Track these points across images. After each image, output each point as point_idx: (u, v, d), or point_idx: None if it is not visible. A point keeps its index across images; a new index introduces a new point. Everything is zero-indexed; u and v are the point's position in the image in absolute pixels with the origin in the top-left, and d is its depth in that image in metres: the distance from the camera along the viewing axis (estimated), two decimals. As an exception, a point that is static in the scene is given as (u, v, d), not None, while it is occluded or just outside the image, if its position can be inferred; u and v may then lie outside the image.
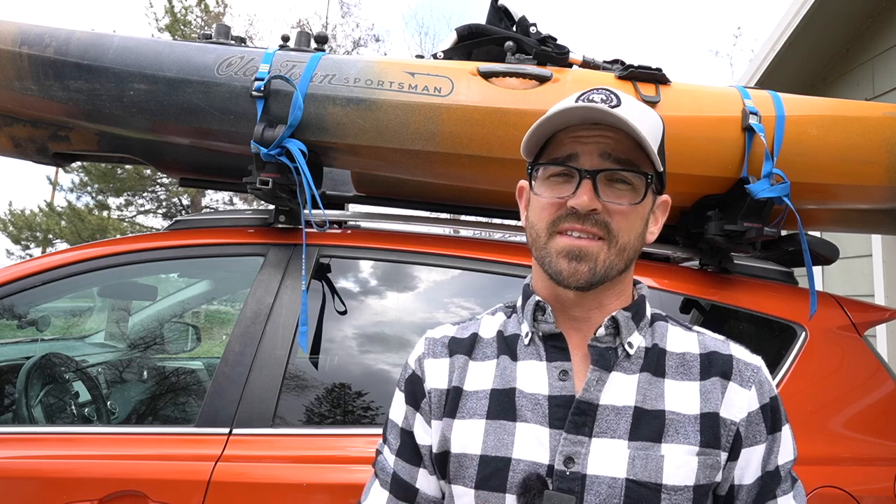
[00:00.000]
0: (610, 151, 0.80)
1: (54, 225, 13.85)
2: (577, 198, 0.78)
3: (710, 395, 0.80)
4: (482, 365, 0.87)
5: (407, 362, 0.94)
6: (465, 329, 0.92)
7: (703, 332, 0.88)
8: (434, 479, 0.88)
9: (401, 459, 0.89)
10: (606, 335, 0.82)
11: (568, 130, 0.82)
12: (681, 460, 0.76)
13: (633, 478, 0.75)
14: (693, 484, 0.76)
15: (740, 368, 0.82)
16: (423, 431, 0.88)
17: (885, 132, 1.59)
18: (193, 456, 1.44)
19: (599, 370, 0.80)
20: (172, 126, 1.62)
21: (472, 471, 0.80)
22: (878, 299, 3.45)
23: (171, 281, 2.89)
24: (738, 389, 0.81)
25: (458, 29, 1.79)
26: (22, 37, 1.64)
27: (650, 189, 0.83)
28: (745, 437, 0.80)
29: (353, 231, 1.79)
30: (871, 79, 3.61)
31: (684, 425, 0.78)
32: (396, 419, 0.91)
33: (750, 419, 0.80)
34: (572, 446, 0.77)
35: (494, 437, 0.80)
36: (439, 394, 0.87)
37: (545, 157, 0.85)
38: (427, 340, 0.93)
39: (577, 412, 0.78)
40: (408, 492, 0.88)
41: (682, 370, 0.82)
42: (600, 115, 0.79)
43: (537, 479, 0.76)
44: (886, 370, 1.56)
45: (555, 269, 0.80)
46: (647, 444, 0.77)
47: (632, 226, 0.81)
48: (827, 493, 1.36)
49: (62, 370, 2.24)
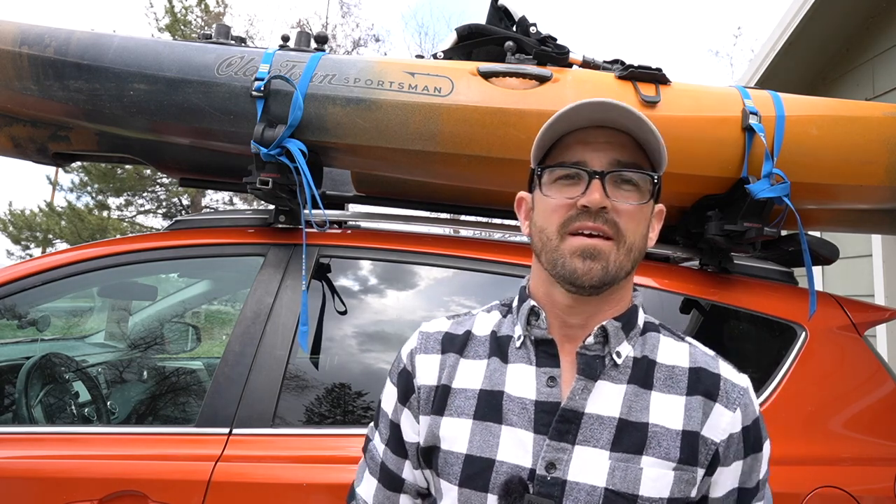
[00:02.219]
0: (616, 156, 0.81)
1: (54, 225, 13.85)
2: (588, 196, 0.79)
3: (693, 413, 0.81)
4: (473, 364, 0.88)
5: (400, 354, 0.95)
6: (460, 325, 0.93)
7: (695, 345, 0.88)
8: (419, 473, 0.90)
9: (389, 450, 0.92)
10: (595, 344, 0.82)
11: (574, 134, 0.83)
12: (658, 473, 0.77)
13: (611, 487, 0.76)
14: (668, 497, 0.77)
15: (727, 389, 0.83)
16: (410, 428, 0.90)
17: (885, 132, 1.59)
18: (193, 456, 1.44)
19: (585, 379, 0.81)
20: (172, 126, 1.62)
21: (457, 468, 0.82)
22: (878, 299, 3.45)
23: (171, 281, 2.89)
24: (723, 411, 0.81)
25: (458, 29, 1.79)
26: (22, 37, 1.64)
27: (654, 192, 0.84)
28: (724, 456, 0.81)
29: (353, 231, 1.79)
30: (871, 79, 3.61)
31: (666, 439, 0.79)
32: (387, 409, 0.94)
33: (731, 440, 0.81)
34: (555, 452, 0.78)
35: (480, 438, 0.82)
36: (428, 390, 0.88)
37: (551, 161, 0.85)
38: (420, 334, 0.94)
39: (562, 419, 0.79)
40: (395, 481, 0.91)
41: (670, 383, 0.83)
42: (611, 112, 0.80)
43: (519, 482, 0.78)
44: (886, 370, 1.56)
45: (569, 268, 0.80)
46: (628, 456, 0.78)
47: (637, 226, 0.82)
48: (827, 493, 1.36)
49: (62, 370, 2.24)
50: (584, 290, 0.80)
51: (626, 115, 0.80)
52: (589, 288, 0.80)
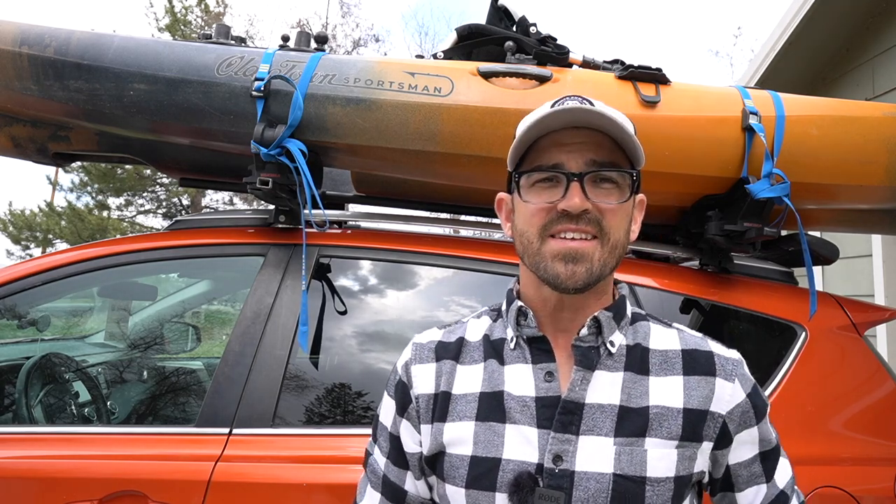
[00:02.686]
0: (593, 156, 0.81)
1: (54, 225, 13.85)
2: (567, 200, 0.79)
3: (694, 391, 0.83)
4: (470, 369, 0.89)
5: (395, 367, 0.95)
6: (452, 333, 0.94)
7: (683, 329, 0.90)
8: (421, 483, 0.91)
9: (390, 462, 0.92)
10: (589, 335, 0.84)
11: (549, 136, 0.83)
12: (661, 453, 0.79)
13: (619, 472, 0.78)
14: (674, 475, 0.79)
15: (722, 363, 0.86)
16: (410, 438, 0.90)
17: (885, 132, 1.59)
18: (193, 456, 1.44)
19: (583, 370, 0.82)
20: (172, 126, 1.62)
21: (462, 471, 0.82)
22: (878, 299, 3.45)
23: (171, 281, 2.89)
24: (723, 384, 0.84)
25: (458, 29, 1.79)
26: (22, 37, 1.64)
27: (634, 186, 0.84)
28: (736, 426, 0.84)
29: (353, 231, 1.79)
30: (871, 79, 3.61)
31: (668, 419, 0.81)
32: (386, 423, 0.94)
33: (738, 409, 0.84)
34: (560, 445, 0.79)
35: (484, 439, 0.82)
36: (427, 399, 0.89)
37: (527, 165, 0.85)
38: (414, 346, 0.95)
39: (564, 411, 0.80)
40: (398, 493, 0.91)
41: (666, 366, 0.84)
42: (583, 115, 0.80)
43: (528, 477, 0.79)
44: (886, 370, 1.56)
45: (551, 273, 0.81)
46: (632, 440, 0.79)
47: (620, 223, 0.83)
48: (827, 493, 1.36)
49: (62, 370, 2.24)
50: (569, 291, 0.81)
51: (598, 117, 0.80)
52: (573, 290, 0.81)
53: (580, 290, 0.81)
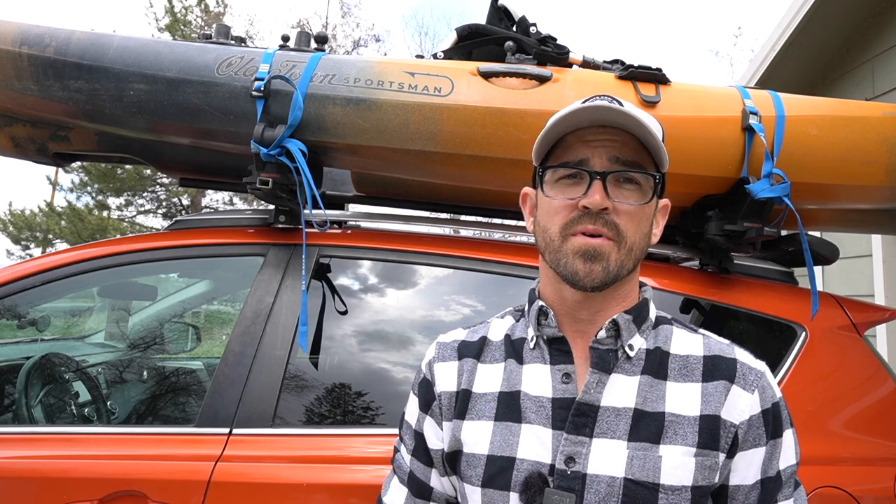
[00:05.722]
0: (617, 154, 0.82)
1: (54, 225, 13.85)
2: (589, 197, 0.80)
3: (711, 397, 0.81)
4: (490, 368, 0.89)
5: (420, 366, 0.97)
6: (475, 332, 0.95)
7: (709, 336, 0.89)
8: (445, 479, 0.91)
9: (416, 459, 0.93)
10: (607, 337, 0.83)
11: (576, 133, 0.84)
12: (678, 461, 0.77)
13: (631, 477, 0.77)
14: (691, 485, 0.77)
15: (744, 372, 0.83)
16: (434, 435, 0.91)
17: (885, 132, 1.59)
18: (193, 456, 1.43)
19: (599, 372, 0.81)
20: (172, 126, 1.62)
21: (479, 470, 0.83)
22: (878, 299, 3.45)
23: (171, 281, 2.89)
24: (740, 392, 0.81)
25: (458, 29, 1.79)
26: (22, 37, 1.64)
27: (657, 190, 0.84)
28: (744, 440, 0.80)
29: (353, 231, 1.79)
30: (871, 79, 3.61)
31: (683, 426, 0.79)
32: (410, 420, 0.96)
33: (750, 423, 0.81)
34: (573, 446, 0.79)
35: (501, 438, 0.83)
36: (449, 396, 0.90)
37: (554, 160, 0.86)
38: (438, 345, 0.96)
39: (578, 413, 0.80)
40: (423, 489, 0.93)
41: (685, 372, 0.83)
42: (610, 114, 0.81)
43: (538, 477, 0.79)
44: (886, 370, 1.56)
45: (571, 269, 0.81)
46: (646, 445, 0.78)
47: (638, 226, 0.83)
48: (827, 493, 1.36)
49: (62, 370, 2.23)
50: (587, 289, 0.82)
51: (624, 117, 0.81)
52: (591, 288, 0.81)
53: (598, 289, 0.81)
